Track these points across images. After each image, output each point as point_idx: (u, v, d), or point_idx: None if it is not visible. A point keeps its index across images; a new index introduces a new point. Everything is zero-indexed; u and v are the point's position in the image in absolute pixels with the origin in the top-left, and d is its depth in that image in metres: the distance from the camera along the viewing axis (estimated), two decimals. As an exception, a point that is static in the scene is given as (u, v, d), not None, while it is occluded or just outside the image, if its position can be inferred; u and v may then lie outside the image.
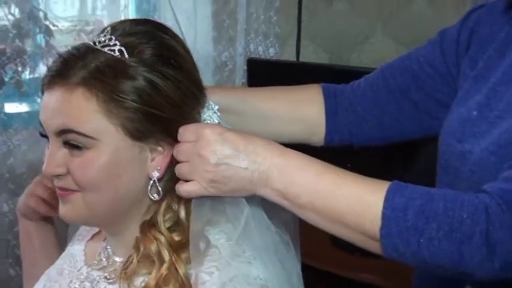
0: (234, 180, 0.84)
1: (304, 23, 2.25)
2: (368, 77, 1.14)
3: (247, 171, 0.84)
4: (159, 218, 0.89)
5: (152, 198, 0.88)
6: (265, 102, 1.11)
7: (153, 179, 0.87)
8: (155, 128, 0.86)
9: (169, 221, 0.89)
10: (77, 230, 1.08)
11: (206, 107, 0.92)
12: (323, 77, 1.21)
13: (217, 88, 1.00)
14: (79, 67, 0.83)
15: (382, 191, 0.81)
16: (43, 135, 0.88)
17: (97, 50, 0.85)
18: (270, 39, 2.17)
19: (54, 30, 1.93)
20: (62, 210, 0.89)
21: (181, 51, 0.90)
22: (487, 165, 0.91)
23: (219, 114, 0.92)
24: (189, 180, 0.85)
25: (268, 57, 2.16)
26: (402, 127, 1.12)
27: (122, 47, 0.84)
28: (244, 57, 2.12)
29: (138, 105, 0.84)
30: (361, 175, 0.85)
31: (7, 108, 1.90)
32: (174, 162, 0.87)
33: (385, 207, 0.80)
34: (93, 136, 0.83)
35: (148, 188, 0.88)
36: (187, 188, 0.85)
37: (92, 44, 0.86)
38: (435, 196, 0.81)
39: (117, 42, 0.85)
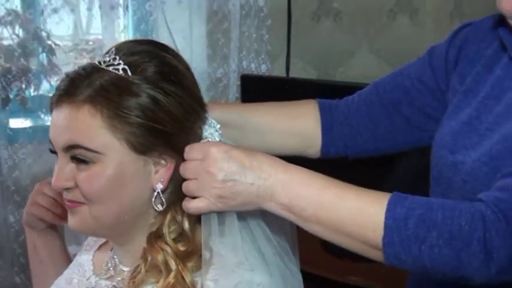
0: (241, 195, 0.85)
1: (293, 41, 2.25)
2: (361, 92, 1.15)
3: (253, 187, 0.84)
4: (165, 229, 0.89)
5: (156, 209, 0.89)
6: (263, 117, 1.11)
7: (157, 191, 0.88)
8: (158, 142, 0.87)
9: (174, 232, 0.89)
10: (75, 234, 1.07)
11: (208, 125, 0.92)
12: (311, 91, 1.24)
13: (217, 104, 1.00)
14: (85, 85, 0.84)
15: (383, 202, 0.82)
16: (52, 151, 0.89)
17: (102, 69, 0.86)
18: (262, 57, 2.17)
19: (56, 49, 1.96)
20: (71, 221, 0.89)
21: (182, 69, 0.91)
22: (479, 176, 0.92)
23: (220, 132, 0.93)
24: (196, 196, 0.86)
25: (260, 73, 2.16)
26: (394, 139, 1.13)
27: (125, 66, 0.85)
28: (238, 73, 2.12)
29: (142, 121, 0.84)
30: (362, 188, 0.86)
31: (13, 123, 1.93)
32: (178, 175, 0.88)
33: (387, 218, 0.81)
34: (99, 151, 0.84)
35: (153, 200, 0.88)
36: (195, 205, 0.86)
37: (97, 64, 0.87)
38: (434, 206, 0.82)
39: (121, 62, 0.86)
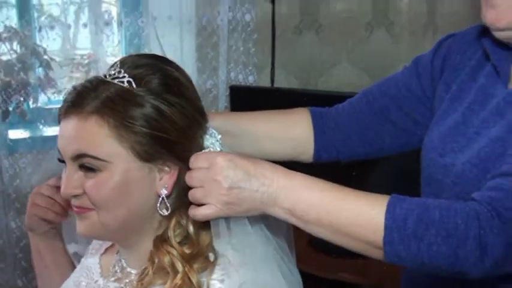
0: (247, 201, 0.86)
1: (277, 53, 2.27)
2: (351, 100, 1.17)
3: (258, 193, 0.85)
4: (170, 233, 0.90)
5: (161, 213, 0.90)
6: (259, 125, 1.13)
7: (161, 196, 0.89)
8: (163, 150, 0.88)
9: (179, 235, 0.91)
10: (70, 231, 1.11)
11: (209, 135, 0.93)
12: (295, 100, 1.26)
13: (216, 114, 1.03)
14: (92, 97, 0.86)
15: (382, 204, 0.84)
16: (60, 161, 0.90)
17: (108, 82, 0.88)
18: (249, 68, 2.19)
19: (52, 63, 2.02)
20: (80, 227, 0.91)
21: (184, 81, 0.93)
22: (470, 177, 0.95)
23: (221, 142, 0.94)
24: (202, 204, 0.87)
25: (248, 84, 2.18)
26: (383, 144, 1.16)
27: (130, 79, 0.87)
28: (226, 84, 2.15)
29: (147, 130, 0.86)
30: (360, 191, 0.87)
31: (13, 134, 1.99)
32: (181, 181, 0.89)
33: (387, 219, 0.83)
34: (106, 159, 0.86)
35: (158, 205, 0.90)
36: (202, 212, 0.87)
37: (103, 77, 0.89)
38: (431, 206, 0.84)
39: (126, 75, 0.87)
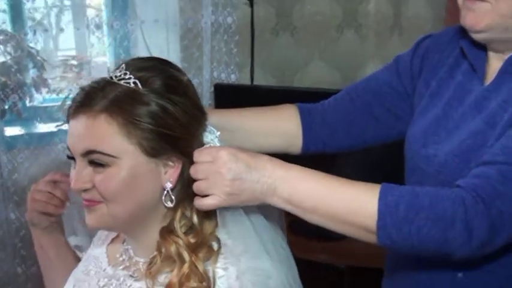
0: (248, 191, 0.89)
1: (256, 53, 2.34)
2: (336, 97, 1.23)
3: (258, 184, 0.89)
4: (176, 224, 0.93)
5: (166, 205, 0.93)
6: (251, 121, 1.18)
7: (166, 189, 0.92)
8: (167, 146, 0.91)
9: (184, 226, 0.94)
10: (70, 224, 1.16)
11: (208, 132, 0.96)
12: (273, 96, 1.38)
13: (212, 111, 1.06)
14: (100, 97, 0.88)
15: (375, 192, 0.88)
16: (69, 157, 0.93)
17: (114, 83, 0.90)
18: (231, 67, 2.24)
19: (46, 65, 2.05)
20: (89, 219, 0.93)
21: (185, 81, 0.96)
22: (452, 167, 1.00)
23: (219, 138, 0.97)
24: (207, 195, 0.90)
25: (230, 82, 2.24)
26: (366, 137, 1.21)
27: (136, 80, 0.90)
28: (210, 82, 2.21)
29: (153, 127, 0.89)
30: (352, 180, 0.91)
31: (11, 131, 2.04)
32: (185, 175, 0.93)
33: (380, 205, 0.87)
34: (115, 155, 0.88)
35: (163, 198, 0.93)
36: (207, 202, 0.89)
37: (110, 78, 0.92)
38: (420, 193, 0.88)
39: (131, 76, 0.90)
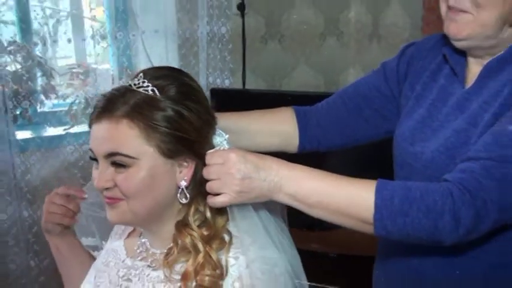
0: (257, 189, 0.94)
1: (247, 60, 2.45)
2: (329, 100, 1.29)
3: (265, 182, 0.94)
4: (190, 218, 0.98)
5: (181, 202, 0.98)
6: (252, 123, 1.24)
7: (181, 187, 0.97)
8: (182, 148, 0.95)
9: (198, 220, 0.98)
10: (80, 228, 1.20)
11: (218, 135, 1.00)
12: (264, 99, 1.47)
13: (219, 114, 1.08)
14: (121, 103, 0.93)
15: (372, 187, 0.93)
16: (92, 158, 0.97)
17: (134, 90, 0.95)
18: (225, 73, 2.35)
19: (54, 73, 2.18)
20: (110, 215, 0.98)
21: (197, 88, 1.00)
22: (439, 163, 1.04)
23: (228, 140, 1.01)
24: (219, 193, 0.94)
25: (224, 86, 2.36)
26: (356, 136, 1.27)
27: (154, 88, 0.94)
28: (207, 87, 2.28)
29: (170, 131, 0.93)
30: (350, 177, 0.96)
31: (23, 135, 2.15)
32: (198, 174, 0.97)
33: (377, 198, 0.92)
34: (135, 156, 0.93)
35: (178, 195, 0.97)
36: (220, 200, 0.94)
37: (129, 86, 0.96)
38: (412, 187, 0.93)
39: (149, 84, 0.95)
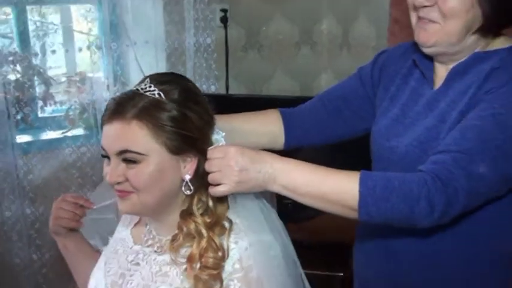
0: (253, 180, 0.99)
1: (230, 68, 2.55)
2: (311, 102, 1.36)
3: (260, 174, 0.99)
4: (194, 208, 1.03)
5: (185, 193, 1.03)
6: (244, 124, 1.30)
7: (185, 180, 1.02)
8: (186, 145, 1.00)
9: (201, 209, 1.03)
10: (91, 231, 1.26)
11: (216, 133, 1.06)
12: (246, 103, 1.50)
13: (216, 116, 1.10)
14: (131, 106, 0.98)
15: (356, 177, 0.99)
16: (104, 156, 1.02)
17: (141, 94, 1.00)
18: (211, 80, 2.49)
19: (52, 81, 2.34)
20: (122, 206, 1.03)
21: (198, 92, 1.05)
22: (413, 156, 1.10)
23: (225, 138, 1.06)
24: (220, 184, 1.00)
25: (210, 92, 2.46)
26: (335, 134, 1.34)
27: (160, 92, 0.99)
28: None
29: (175, 130, 0.99)
30: (336, 169, 1.02)
31: (25, 139, 2.30)
32: (200, 168, 1.02)
33: (361, 187, 0.98)
34: (145, 153, 0.98)
35: (182, 187, 1.03)
36: (220, 189, 1.00)
37: (136, 90, 1.01)
38: (391, 177, 1.00)
39: (156, 88, 1.00)
